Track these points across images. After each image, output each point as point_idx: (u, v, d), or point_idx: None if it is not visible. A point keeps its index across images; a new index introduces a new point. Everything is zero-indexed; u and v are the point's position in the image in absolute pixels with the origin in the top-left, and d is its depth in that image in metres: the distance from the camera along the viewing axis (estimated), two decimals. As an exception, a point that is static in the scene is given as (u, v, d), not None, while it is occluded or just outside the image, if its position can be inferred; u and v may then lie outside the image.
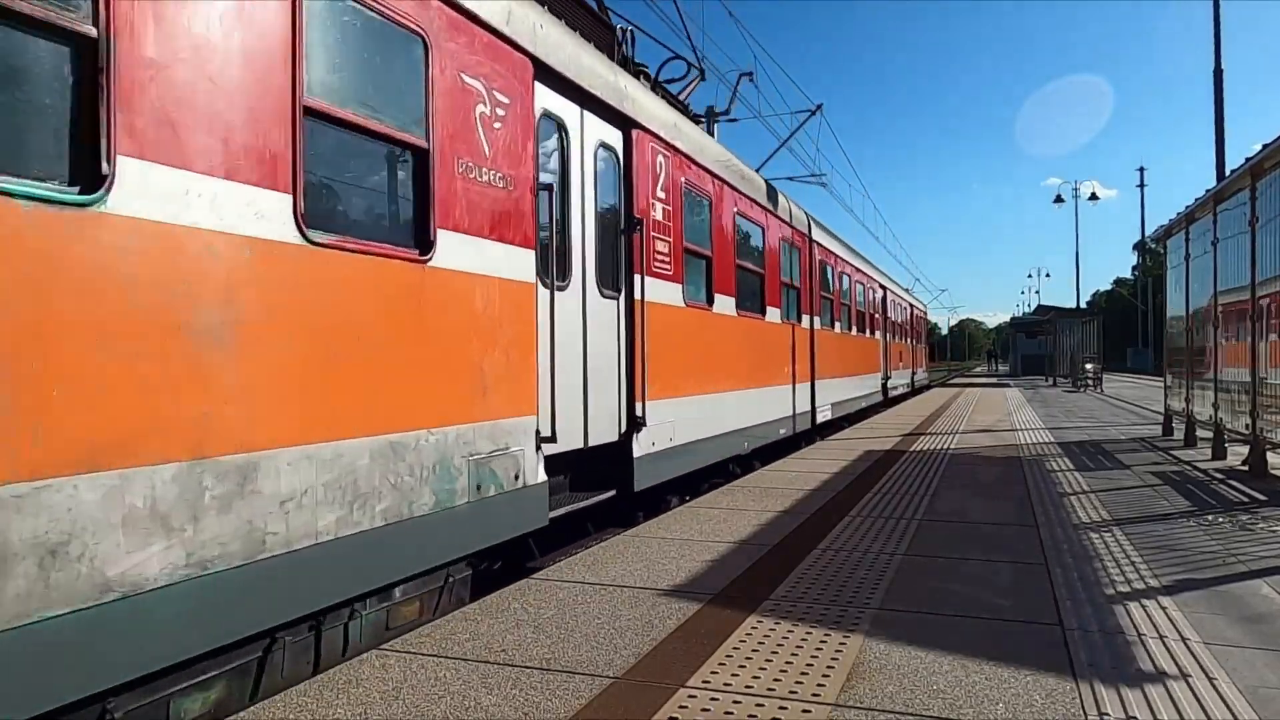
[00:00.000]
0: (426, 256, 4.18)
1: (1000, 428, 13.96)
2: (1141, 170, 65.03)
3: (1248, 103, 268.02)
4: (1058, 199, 47.93)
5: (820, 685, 3.03)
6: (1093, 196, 46.12)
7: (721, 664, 3.24)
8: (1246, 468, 8.58)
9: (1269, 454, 8.28)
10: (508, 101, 4.88)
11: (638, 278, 6.68)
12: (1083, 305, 62.50)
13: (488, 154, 4.67)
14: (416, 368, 4.11)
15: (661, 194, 7.24)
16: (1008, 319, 79.90)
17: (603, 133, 6.38)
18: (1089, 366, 29.27)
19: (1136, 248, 75.95)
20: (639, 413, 6.57)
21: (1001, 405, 20.18)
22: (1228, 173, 10.45)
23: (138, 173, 2.79)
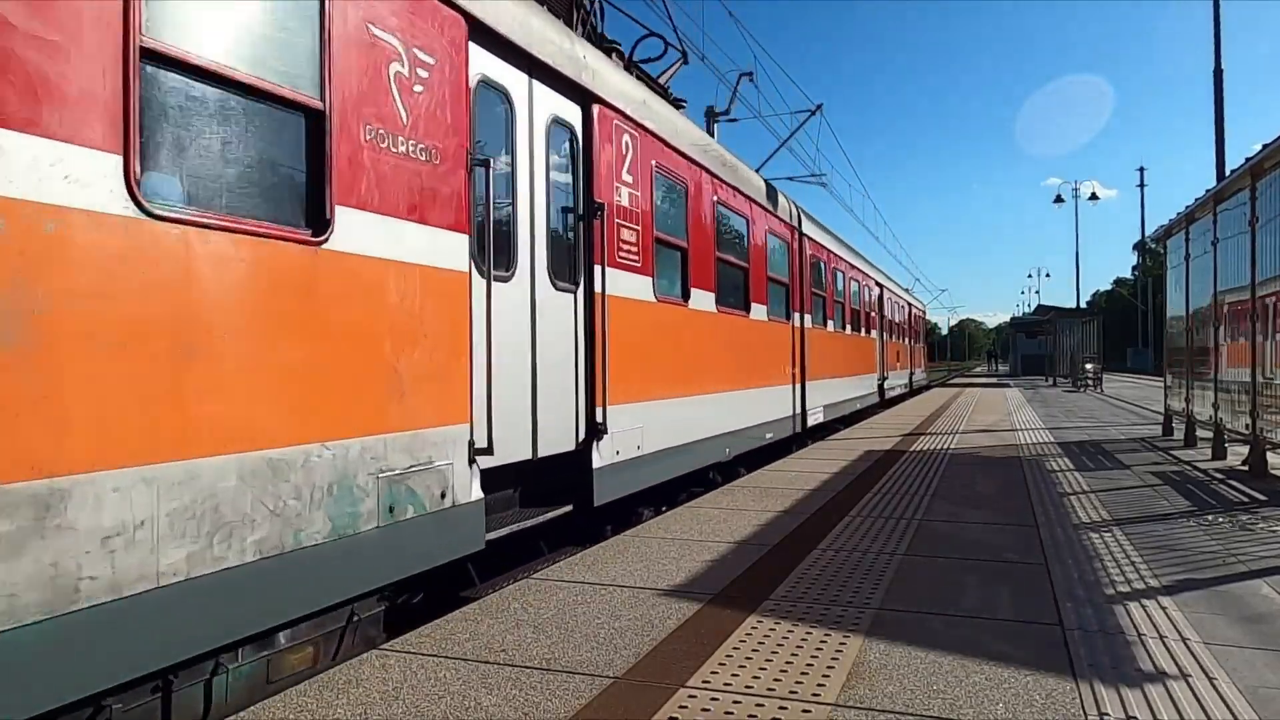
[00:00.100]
0: (321, 238, 3.56)
1: (1000, 428, 13.96)
2: (1141, 170, 65.12)
3: (1248, 103, 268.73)
4: (1058, 199, 48.00)
5: (820, 685, 3.03)
6: (1093, 196, 46.19)
7: (722, 664, 3.25)
8: (1246, 468, 8.59)
9: (1269, 454, 8.29)
10: (432, 62, 4.26)
11: (598, 269, 6.01)
12: (1083, 305, 62.53)
13: (405, 121, 4.06)
14: (306, 370, 3.48)
15: (628, 177, 6.58)
16: (1008, 319, 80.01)
17: (557, 106, 5.69)
18: (1089, 366, 29.29)
19: (1136, 248, 76.06)
20: (599, 419, 5.95)
21: (1001, 405, 20.19)
22: (1228, 173, 10.45)
23: None
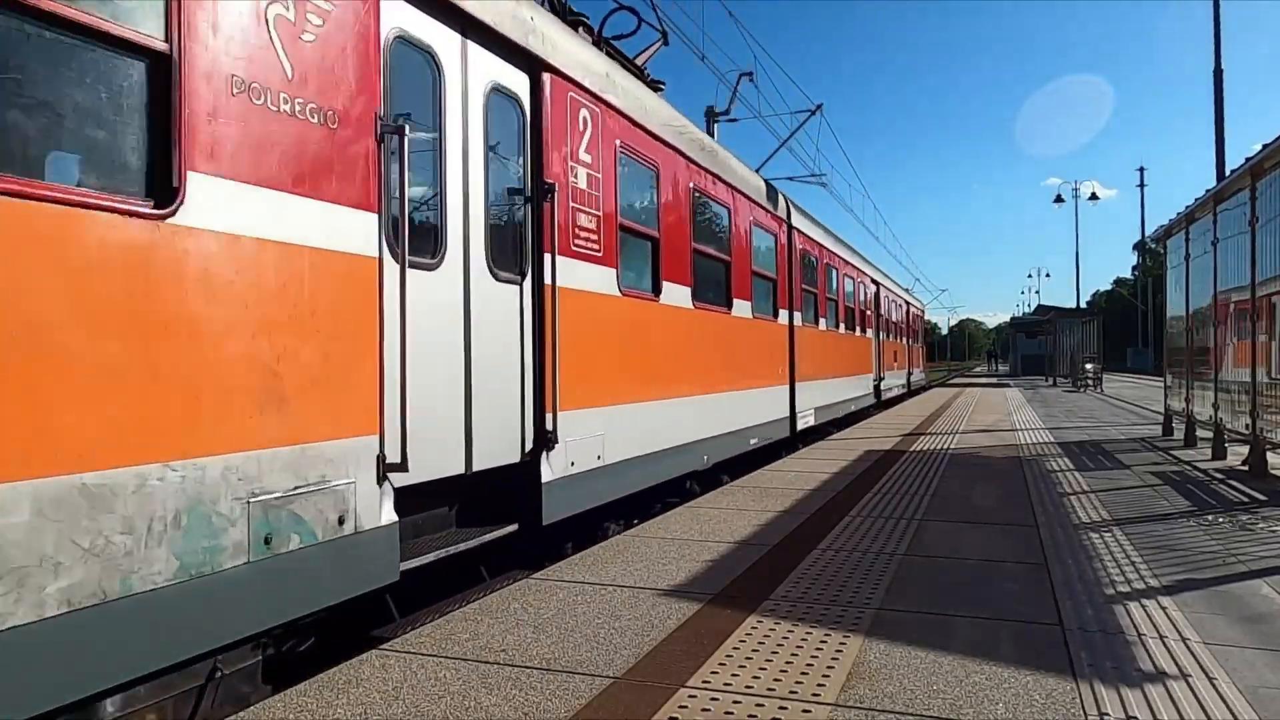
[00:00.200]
0: (166, 210, 2.97)
1: (1000, 428, 13.96)
2: (1141, 170, 65.36)
3: (1248, 103, 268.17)
4: (1058, 199, 48.08)
5: (820, 685, 3.03)
6: (1093, 196, 46.26)
7: (722, 664, 3.25)
8: (1246, 468, 8.59)
9: (1269, 454, 8.29)
10: (330, 9, 3.69)
11: (548, 258, 5.40)
12: (1083, 305, 62.56)
13: (290, 75, 3.44)
14: (142, 373, 2.89)
15: (586, 157, 5.97)
16: (1008, 319, 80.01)
17: (498, 73, 5.09)
18: (1089, 366, 29.31)
19: (1136, 248, 76.11)
20: (549, 427, 5.36)
21: (1001, 405, 20.19)
22: (1228, 173, 10.45)
23: None
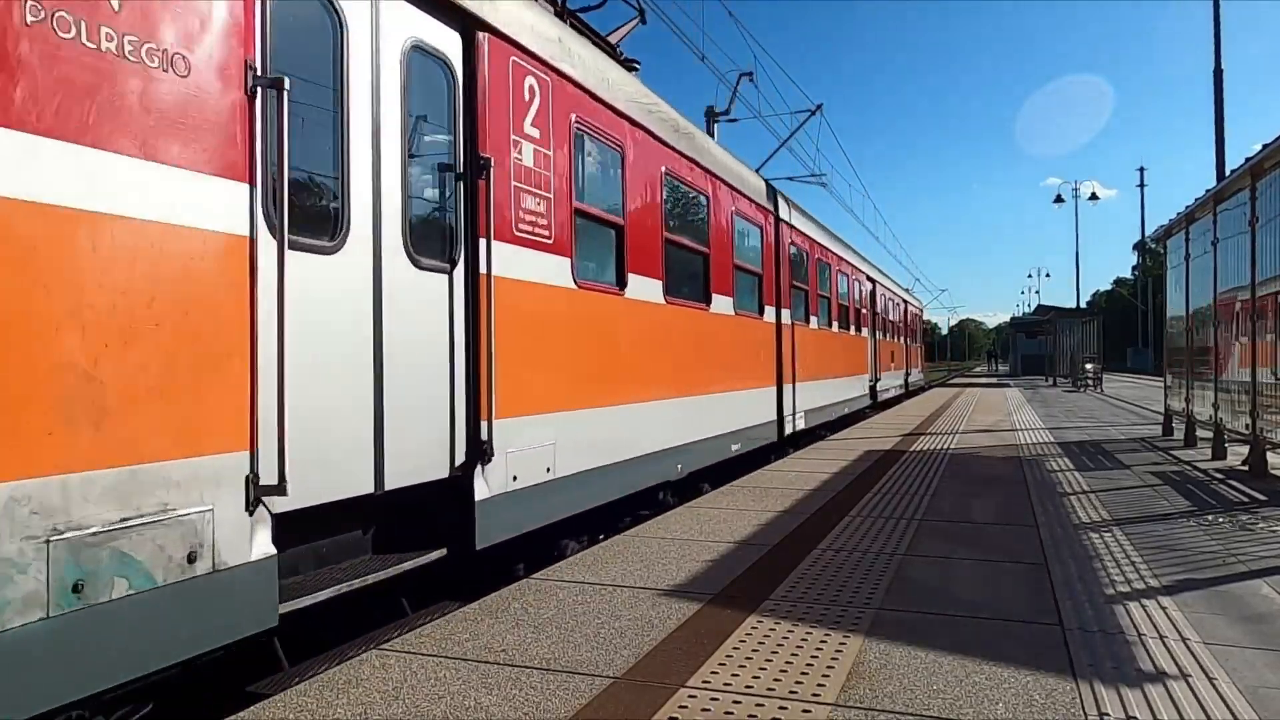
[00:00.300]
0: None
1: (1000, 428, 13.96)
2: (1141, 170, 65.40)
3: (1248, 103, 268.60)
4: (1058, 199, 48.04)
5: (820, 685, 3.03)
6: (1093, 196, 46.26)
7: (722, 664, 3.25)
8: (1246, 468, 8.59)
9: (1269, 454, 8.29)
10: None
11: (484, 243, 4.78)
12: (1083, 305, 62.59)
13: (118, 6, 2.95)
14: None
15: (534, 131, 5.36)
16: (1008, 319, 79.96)
17: (420, 29, 4.47)
18: (1089, 366, 29.30)
19: (1136, 248, 76.15)
20: (484, 436, 4.75)
21: (1001, 405, 20.19)
22: (1228, 173, 10.46)
23: None
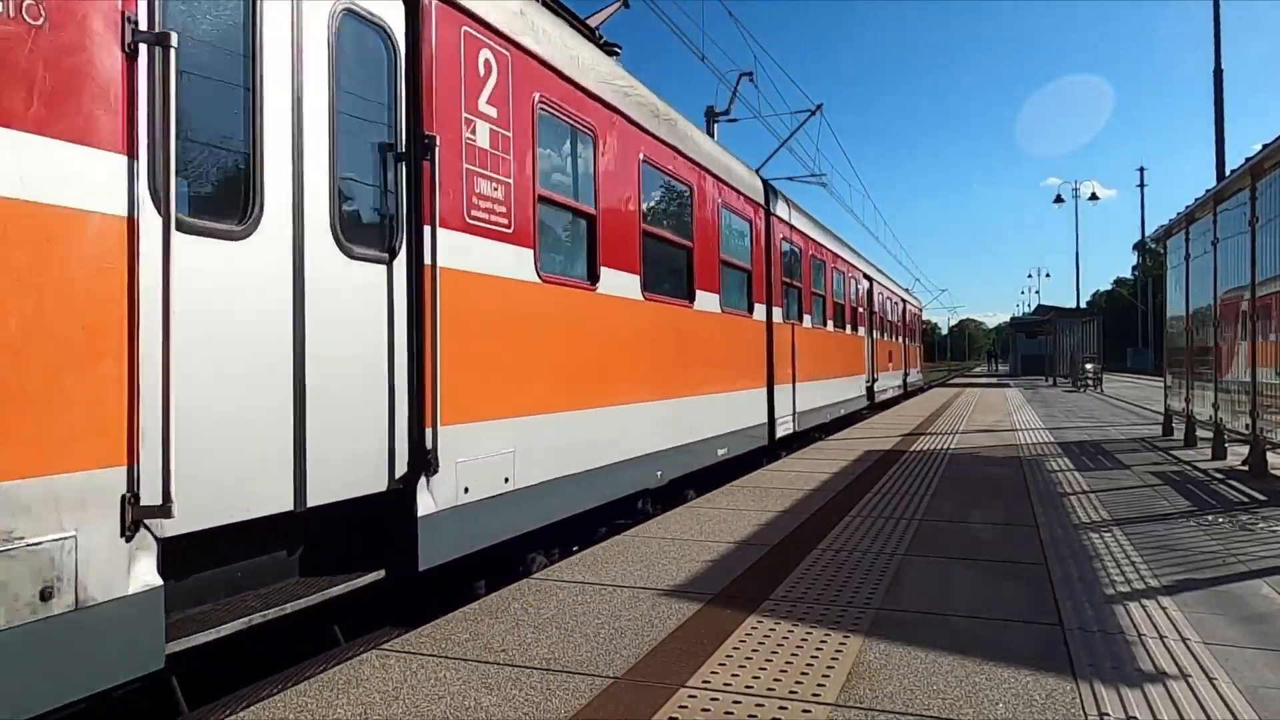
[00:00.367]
0: None
1: (1000, 428, 13.96)
2: (1141, 170, 65.33)
3: (1248, 103, 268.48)
4: (1058, 199, 48.07)
5: (820, 685, 3.03)
6: (1093, 196, 46.27)
7: (722, 664, 3.25)
8: (1246, 468, 8.59)
9: (1269, 454, 8.29)
10: None
11: (429, 231, 4.36)
12: (1083, 305, 62.63)
13: None
14: None
15: (490, 110, 4.94)
16: (1008, 319, 80.00)
17: None
18: (1089, 366, 29.29)
19: (1136, 248, 76.15)
20: (429, 444, 4.32)
21: (1001, 405, 20.19)
22: (1228, 173, 10.46)
23: None
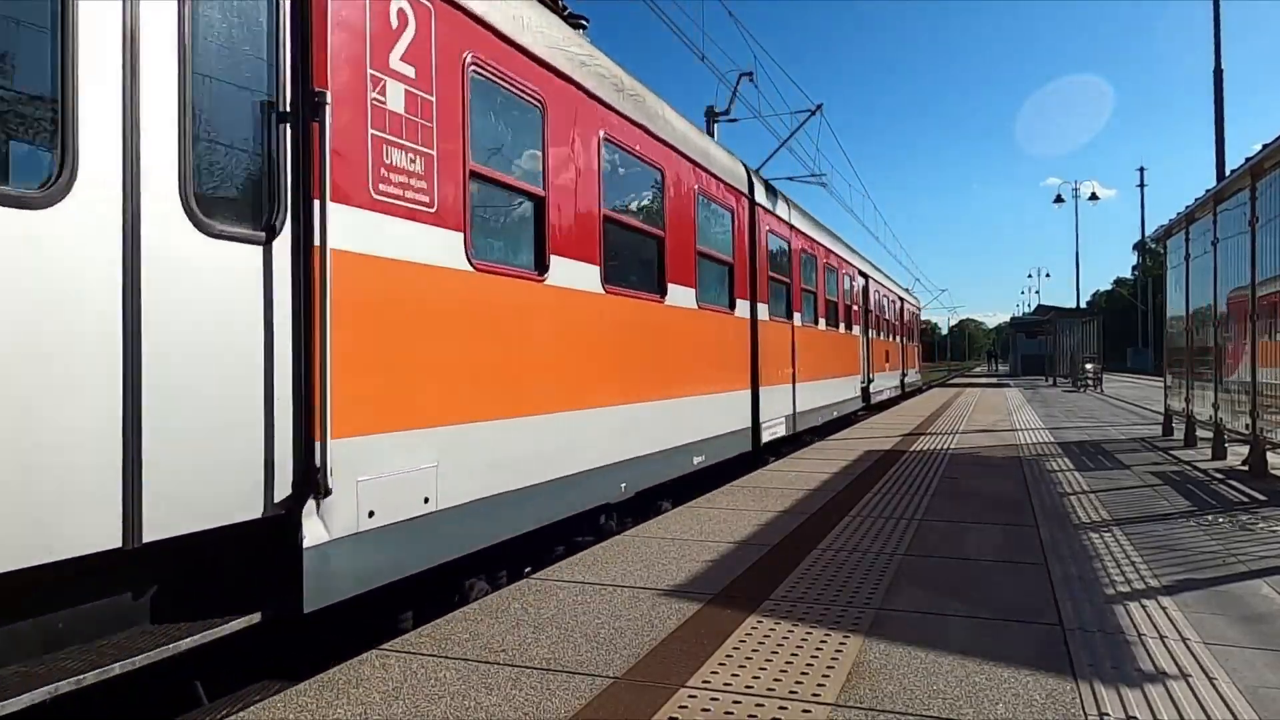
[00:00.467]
0: None
1: (1000, 428, 13.96)
2: (1141, 170, 65.36)
3: (1248, 103, 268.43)
4: (1058, 199, 48.08)
5: (820, 685, 3.03)
6: (1093, 196, 46.25)
7: (722, 664, 3.25)
8: (1246, 468, 8.59)
9: (1269, 454, 8.29)
10: None
11: (318, 205, 3.64)
12: (1083, 305, 62.65)
13: None
14: None
15: (405, 68, 4.25)
16: (1008, 319, 79.93)
17: None
18: (1089, 366, 29.29)
19: (1136, 248, 76.19)
20: (319, 462, 3.60)
21: (1001, 405, 20.18)
22: (1228, 173, 10.45)
23: None
